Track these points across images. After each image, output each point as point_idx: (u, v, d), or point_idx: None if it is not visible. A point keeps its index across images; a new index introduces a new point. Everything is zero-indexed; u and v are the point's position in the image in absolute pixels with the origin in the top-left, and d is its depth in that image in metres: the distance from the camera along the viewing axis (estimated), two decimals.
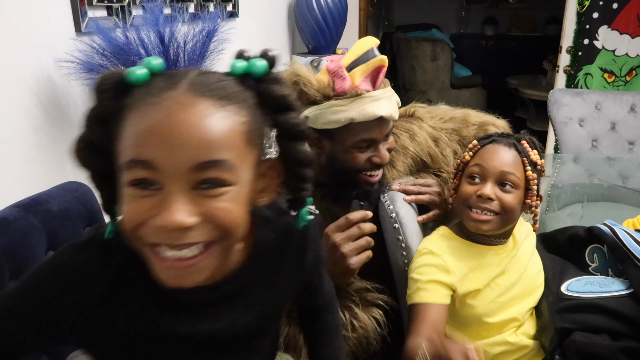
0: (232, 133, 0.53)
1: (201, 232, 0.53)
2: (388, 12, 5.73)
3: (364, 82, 1.01)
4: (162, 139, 0.51)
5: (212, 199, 0.53)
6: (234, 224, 0.54)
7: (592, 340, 0.92)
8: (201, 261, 0.54)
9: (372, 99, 1.00)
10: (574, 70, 2.88)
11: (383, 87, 1.03)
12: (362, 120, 1.00)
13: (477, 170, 1.01)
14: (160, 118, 0.51)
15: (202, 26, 1.28)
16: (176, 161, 0.51)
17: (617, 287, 0.99)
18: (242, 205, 0.56)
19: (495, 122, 1.32)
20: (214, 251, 0.55)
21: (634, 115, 2.37)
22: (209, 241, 0.54)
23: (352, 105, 0.99)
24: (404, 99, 4.72)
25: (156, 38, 1.21)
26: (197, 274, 0.55)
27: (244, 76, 0.58)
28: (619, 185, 1.91)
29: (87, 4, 1.38)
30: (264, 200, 0.62)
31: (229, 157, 0.53)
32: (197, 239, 0.53)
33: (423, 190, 1.16)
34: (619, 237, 1.04)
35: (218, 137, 0.52)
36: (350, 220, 0.96)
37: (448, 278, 0.99)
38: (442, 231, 1.08)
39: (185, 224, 0.51)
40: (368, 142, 1.05)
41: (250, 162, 0.56)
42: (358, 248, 0.96)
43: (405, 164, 1.22)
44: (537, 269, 1.09)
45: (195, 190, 0.52)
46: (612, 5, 2.72)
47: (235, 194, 0.54)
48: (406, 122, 1.25)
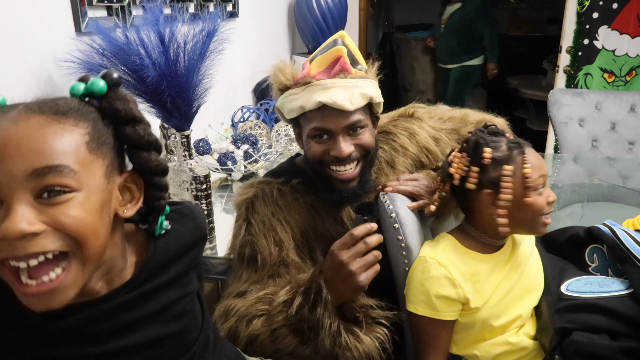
0: (69, 141, 0.56)
1: (50, 241, 0.53)
2: (388, 12, 5.72)
3: (323, 72, 1.03)
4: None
5: (57, 207, 0.54)
6: (83, 231, 0.55)
7: (592, 340, 0.93)
8: (63, 281, 0.55)
9: (322, 87, 1.01)
10: (574, 70, 2.88)
11: (343, 77, 1.02)
12: (311, 109, 1.02)
13: (542, 181, 0.99)
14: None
15: (202, 26, 1.28)
16: (11, 172, 0.52)
17: (617, 287, 0.99)
18: (92, 212, 0.56)
19: (493, 120, 1.32)
20: (73, 267, 0.55)
21: (634, 115, 2.37)
22: (62, 251, 0.55)
23: (303, 93, 1.03)
24: (404, 99, 4.73)
25: (156, 38, 1.21)
26: (61, 293, 0.55)
27: (86, 96, 0.62)
28: (619, 185, 1.91)
29: (87, 4, 1.38)
30: (128, 211, 0.64)
31: (68, 163, 0.55)
32: (46, 248, 0.53)
33: (405, 183, 1.15)
34: (619, 237, 1.04)
35: (52, 145, 0.54)
36: (355, 236, 0.93)
37: (455, 293, 0.98)
38: (448, 240, 1.06)
39: (26, 231, 0.51)
40: (322, 132, 1.04)
41: (98, 171, 0.59)
42: (366, 264, 0.92)
43: (405, 164, 1.21)
44: (535, 268, 1.09)
45: (39, 199, 0.53)
46: (612, 5, 2.72)
47: (82, 200, 0.55)
48: (406, 122, 1.25)
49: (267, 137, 2.07)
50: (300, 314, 0.93)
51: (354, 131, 1.05)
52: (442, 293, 0.98)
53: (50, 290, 0.54)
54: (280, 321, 0.95)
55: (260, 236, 1.06)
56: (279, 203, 1.09)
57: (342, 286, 0.93)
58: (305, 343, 0.96)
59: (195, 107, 1.32)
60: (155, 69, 1.20)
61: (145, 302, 0.67)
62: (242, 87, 2.48)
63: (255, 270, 1.06)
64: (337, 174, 1.07)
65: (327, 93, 1.00)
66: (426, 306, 1.00)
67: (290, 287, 0.97)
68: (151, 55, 1.20)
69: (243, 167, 1.85)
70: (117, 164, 0.63)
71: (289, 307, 0.94)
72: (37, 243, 0.53)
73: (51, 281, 0.54)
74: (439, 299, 0.99)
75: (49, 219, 0.54)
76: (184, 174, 1.37)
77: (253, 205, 1.10)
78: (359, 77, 1.04)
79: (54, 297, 0.55)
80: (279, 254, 1.05)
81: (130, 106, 0.63)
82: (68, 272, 0.55)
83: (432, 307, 0.99)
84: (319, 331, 0.92)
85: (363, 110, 1.06)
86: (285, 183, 1.12)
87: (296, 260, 1.06)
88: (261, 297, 1.00)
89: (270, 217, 1.08)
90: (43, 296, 0.55)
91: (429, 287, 0.99)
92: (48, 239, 0.54)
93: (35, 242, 0.53)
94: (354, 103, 1.01)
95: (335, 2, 2.84)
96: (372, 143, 1.08)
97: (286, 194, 1.10)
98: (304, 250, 1.09)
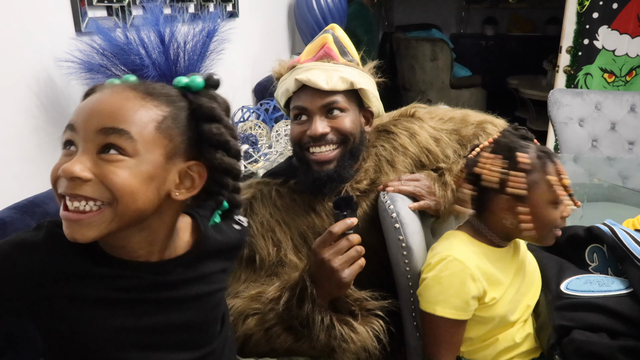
0: (141, 115, 0.65)
1: (93, 189, 0.63)
2: (388, 12, 5.73)
3: (310, 59, 1.10)
4: (86, 109, 0.65)
5: (109, 164, 0.63)
6: (123, 189, 0.63)
7: (591, 339, 0.93)
8: (91, 217, 0.63)
9: (303, 70, 1.07)
10: (574, 70, 2.88)
11: (326, 62, 1.09)
12: (292, 89, 1.08)
13: (564, 190, 0.96)
14: (95, 97, 0.66)
15: (202, 26, 1.28)
16: (87, 124, 0.63)
17: (617, 287, 0.99)
18: (137, 178, 0.64)
19: (494, 121, 1.32)
20: (105, 212, 0.64)
21: (634, 115, 2.37)
22: (101, 201, 0.63)
23: (289, 77, 1.09)
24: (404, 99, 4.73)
25: (156, 38, 1.21)
26: (86, 228, 0.63)
27: (184, 89, 0.71)
28: (619, 185, 1.91)
29: (87, 4, 1.38)
30: (181, 195, 0.70)
31: (131, 130, 0.64)
32: (89, 194, 0.62)
33: (406, 183, 1.14)
34: (619, 237, 1.04)
35: (125, 113, 0.64)
36: (334, 234, 0.91)
37: (475, 289, 0.97)
38: (461, 236, 1.04)
39: (77, 174, 0.61)
40: (300, 111, 1.08)
41: (159, 149, 0.66)
42: (349, 260, 0.91)
43: (405, 163, 1.21)
44: (533, 263, 1.10)
45: (99, 154, 0.63)
46: (612, 5, 2.72)
47: (132, 165, 0.64)
48: (407, 122, 1.25)
49: (267, 137, 2.07)
50: (289, 311, 0.93)
51: (330, 113, 1.07)
52: (464, 290, 0.96)
53: (77, 219, 0.63)
54: (272, 319, 0.95)
55: (259, 237, 1.07)
56: (277, 204, 1.09)
57: (327, 283, 0.92)
58: (300, 339, 0.96)
59: None
60: (155, 69, 1.20)
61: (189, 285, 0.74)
62: (242, 87, 2.48)
63: (253, 271, 1.06)
64: (314, 155, 1.08)
65: (305, 73, 1.06)
66: (445, 305, 0.97)
67: (279, 284, 0.98)
68: (151, 55, 1.21)
69: (243, 167, 1.85)
70: (185, 151, 0.70)
71: (277, 304, 0.94)
72: (82, 187, 0.62)
73: (83, 212, 0.63)
74: (459, 298, 0.96)
75: (99, 172, 0.62)
76: None
77: (251, 206, 1.10)
78: (343, 64, 1.08)
79: (80, 227, 0.63)
80: (277, 254, 1.06)
81: (213, 105, 0.71)
82: (99, 213, 0.64)
83: (452, 306, 0.97)
84: (312, 326, 0.92)
85: (344, 95, 1.08)
86: (283, 184, 1.12)
87: (294, 261, 1.06)
88: (254, 295, 1.00)
89: (269, 217, 1.08)
90: (72, 223, 0.63)
91: (448, 285, 0.97)
92: (92, 188, 0.63)
93: (82, 186, 0.62)
94: (330, 83, 1.05)
95: (335, 2, 2.84)
96: (351, 129, 1.09)
97: (284, 195, 1.11)
98: (302, 251, 1.09)
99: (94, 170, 0.62)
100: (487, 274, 0.99)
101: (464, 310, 0.97)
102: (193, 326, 0.75)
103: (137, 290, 0.70)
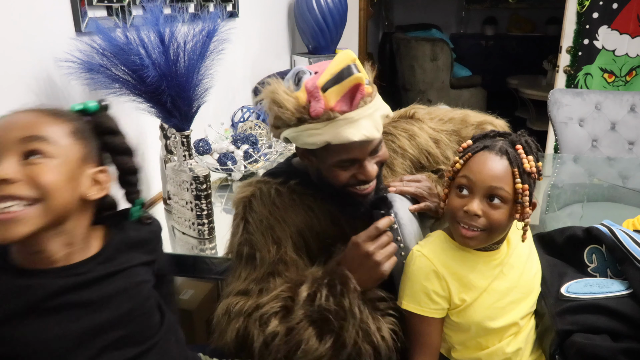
0: (56, 126, 0.77)
1: (22, 189, 0.71)
2: (388, 12, 5.73)
3: (340, 102, 0.94)
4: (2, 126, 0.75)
5: (35, 165, 0.73)
6: (50, 186, 0.73)
7: (593, 341, 0.92)
8: (21, 214, 0.71)
9: (348, 122, 0.94)
10: (574, 70, 2.88)
11: (363, 105, 0.96)
12: (339, 143, 0.96)
13: (465, 182, 0.96)
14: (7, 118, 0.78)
15: (202, 26, 1.28)
16: (8, 136, 0.73)
17: (617, 288, 0.99)
18: (60, 176, 0.75)
19: (494, 122, 1.32)
20: (33, 209, 0.72)
21: (634, 115, 2.37)
22: (29, 200, 0.72)
23: (326, 128, 0.94)
24: (404, 99, 4.73)
25: (156, 38, 1.21)
26: (19, 225, 0.71)
27: (81, 112, 0.87)
28: (619, 185, 1.91)
29: (87, 4, 1.38)
30: (94, 193, 0.82)
31: (49, 135, 0.75)
32: (17, 193, 0.71)
33: (408, 184, 1.15)
34: (618, 238, 1.04)
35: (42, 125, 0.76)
36: (380, 229, 0.99)
37: (439, 285, 0.99)
38: (439, 234, 1.06)
39: (5, 175, 0.70)
40: (350, 162, 1.01)
41: (75, 152, 0.79)
42: (389, 255, 0.99)
43: (404, 165, 1.21)
44: (534, 270, 1.08)
45: (24, 159, 0.73)
46: (612, 5, 2.72)
47: (55, 165, 0.74)
48: (406, 124, 1.25)
49: (267, 137, 2.07)
50: (326, 306, 0.95)
51: (375, 152, 1.04)
52: (426, 285, 0.99)
53: (8, 219, 0.70)
54: (300, 315, 0.96)
55: (258, 234, 1.07)
56: (276, 203, 1.09)
57: (366, 276, 0.98)
58: (323, 337, 0.96)
59: (195, 107, 1.32)
60: (155, 69, 1.20)
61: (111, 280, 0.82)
62: (242, 87, 2.48)
63: (254, 269, 1.06)
64: (360, 191, 1.06)
65: (355, 128, 0.95)
66: (410, 300, 1.01)
67: (309, 283, 0.99)
68: (151, 55, 1.20)
69: (243, 167, 1.85)
70: (95, 157, 0.84)
71: (313, 300, 0.97)
72: (11, 187, 0.71)
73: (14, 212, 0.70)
74: (423, 292, 0.99)
75: (26, 173, 0.72)
76: (184, 174, 1.38)
77: (250, 204, 1.10)
78: (372, 96, 1.00)
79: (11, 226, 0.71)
80: (277, 252, 1.06)
81: (113, 122, 0.89)
82: (29, 211, 0.72)
83: (417, 301, 1.00)
84: (348, 319, 0.95)
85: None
86: (283, 184, 1.12)
87: (294, 258, 1.07)
88: (276, 295, 1.00)
89: (268, 215, 1.08)
90: (3, 224, 0.70)
91: (414, 279, 1.01)
92: (21, 187, 0.71)
93: (11, 187, 0.71)
94: (379, 129, 0.99)
95: (335, 2, 2.84)
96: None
97: (284, 195, 1.11)
98: (301, 249, 1.09)
99: (21, 172, 0.72)
100: (456, 274, 1.00)
101: (428, 306, 1.00)
102: (128, 321, 0.82)
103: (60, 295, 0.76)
